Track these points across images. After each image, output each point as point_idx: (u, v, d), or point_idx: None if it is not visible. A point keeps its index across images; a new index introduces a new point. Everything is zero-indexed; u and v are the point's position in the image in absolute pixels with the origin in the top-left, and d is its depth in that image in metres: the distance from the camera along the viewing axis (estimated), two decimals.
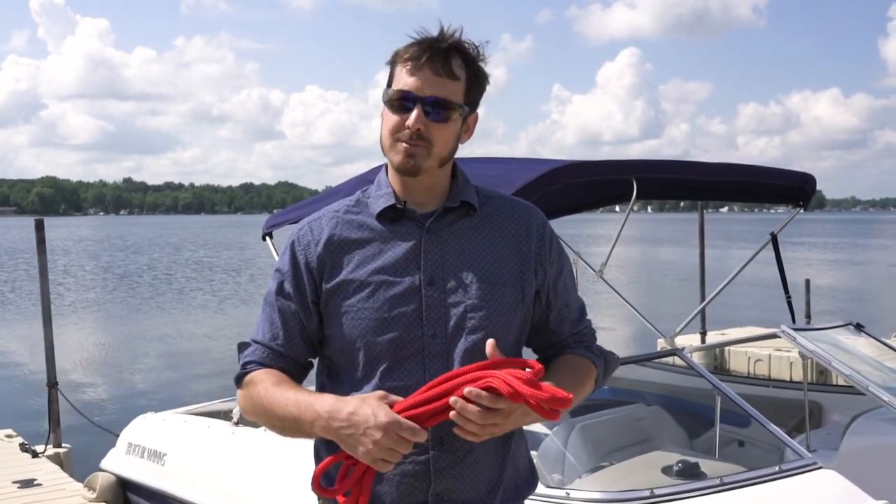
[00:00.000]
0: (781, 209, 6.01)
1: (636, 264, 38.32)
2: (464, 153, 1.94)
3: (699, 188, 4.81)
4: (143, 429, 5.56)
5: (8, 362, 15.52)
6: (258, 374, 1.87)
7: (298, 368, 1.92)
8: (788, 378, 10.05)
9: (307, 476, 1.82)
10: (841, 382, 4.42)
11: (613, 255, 4.59)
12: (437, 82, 1.80)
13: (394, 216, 1.88)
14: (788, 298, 4.77)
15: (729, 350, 11.48)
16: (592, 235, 44.18)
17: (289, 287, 1.89)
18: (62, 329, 16.15)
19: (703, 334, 10.21)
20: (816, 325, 4.76)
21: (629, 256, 42.39)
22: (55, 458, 7.05)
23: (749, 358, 11.28)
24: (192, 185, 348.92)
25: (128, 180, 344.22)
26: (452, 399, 1.63)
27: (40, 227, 7.89)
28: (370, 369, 1.82)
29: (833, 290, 25.80)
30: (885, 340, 4.67)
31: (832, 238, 73.29)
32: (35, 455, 6.98)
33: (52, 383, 7.62)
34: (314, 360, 1.97)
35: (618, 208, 6.38)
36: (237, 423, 4.77)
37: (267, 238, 5.14)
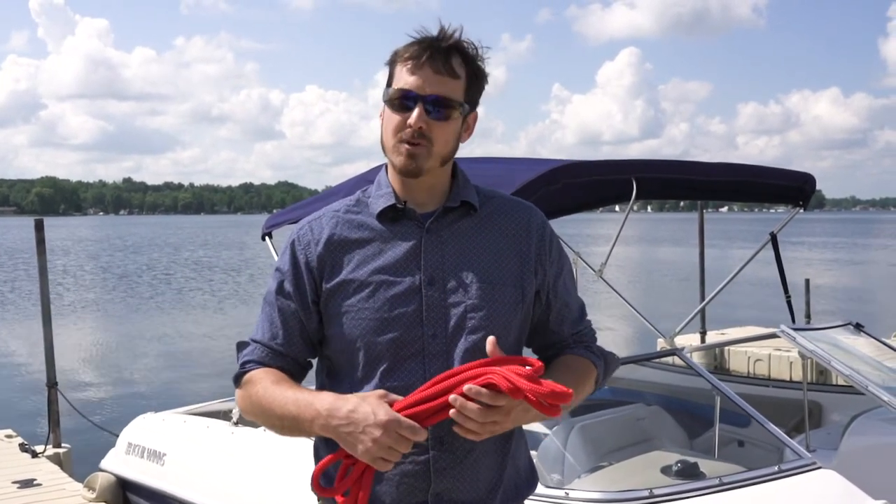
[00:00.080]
0: (781, 209, 6.01)
1: (636, 264, 38.32)
2: (463, 153, 1.93)
3: (699, 188, 4.81)
4: (143, 429, 5.56)
5: (8, 362, 15.52)
6: (257, 373, 1.86)
7: (298, 368, 1.92)
8: (788, 378, 10.05)
9: (307, 476, 1.82)
10: (840, 382, 4.43)
11: (613, 254, 4.59)
12: (437, 80, 1.79)
13: (394, 216, 1.88)
14: (788, 298, 4.77)
15: (729, 350, 11.48)
16: (592, 235, 44.17)
17: (289, 286, 1.89)
18: (62, 329, 16.14)
19: (703, 334, 10.20)
20: (816, 324, 4.77)
21: (629, 256, 42.39)
22: (55, 459, 7.05)
23: (749, 358, 11.28)
24: (192, 185, 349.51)
25: (127, 180, 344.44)
26: (452, 397, 1.62)
27: (40, 227, 7.89)
28: (370, 369, 1.82)
29: (833, 290, 25.80)
30: (885, 340, 4.68)
31: (832, 238, 73.30)
32: (35, 455, 6.98)
33: (52, 383, 7.62)
34: (314, 359, 1.96)
35: (617, 208, 6.38)
36: (237, 423, 4.77)
37: (266, 238, 5.14)
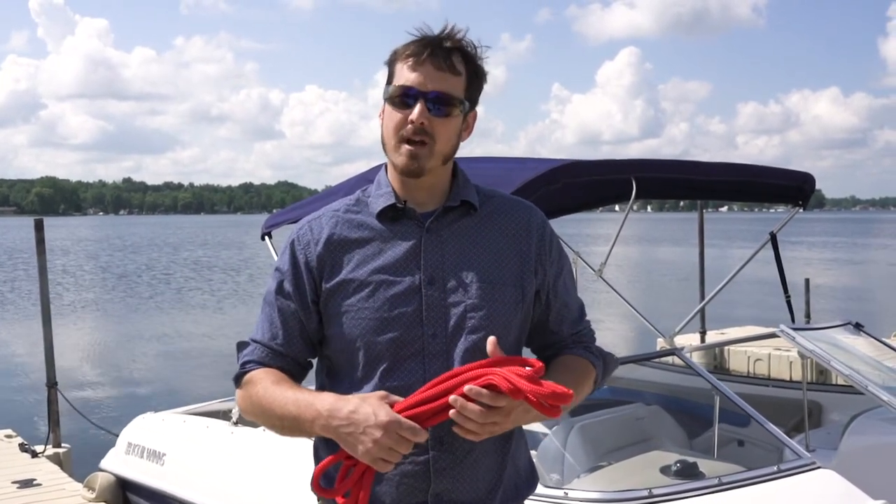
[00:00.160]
0: (781, 208, 6.01)
1: (636, 264, 38.31)
2: (463, 152, 1.93)
3: (698, 188, 4.82)
4: (143, 429, 5.56)
5: (7, 362, 15.51)
6: (257, 373, 1.86)
7: (298, 368, 1.92)
8: (788, 378, 10.05)
9: (306, 476, 1.82)
10: (840, 382, 4.43)
11: (613, 254, 4.59)
12: (439, 77, 1.79)
13: (394, 216, 1.88)
14: (788, 298, 4.78)
15: (728, 349, 11.48)
16: (592, 235, 44.17)
17: (288, 286, 1.89)
18: (61, 329, 16.12)
19: (703, 334, 10.19)
20: (816, 324, 4.77)
21: (629, 256, 42.39)
22: (55, 458, 7.05)
23: (749, 357, 11.28)
24: (192, 184, 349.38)
25: (127, 180, 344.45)
26: (452, 398, 1.62)
27: (40, 227, 7.89)
28: (370, 369, 1.82)
29: (832, 290, 25.79)
30: (885, 340, 4.68)
31: (832, 237, 73.30)
32: (34, 455, 6.98)
33: (52, 383, 7.62)
34: (314, 359, 1.96)
35: (617, 208, 6.39)
36: (236, 423, 4.77)
37: (266, 238, 5.14)
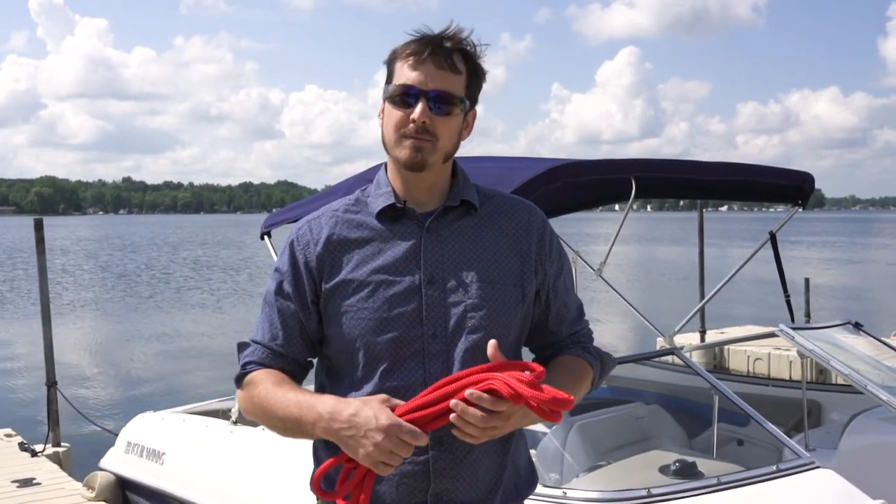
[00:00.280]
0: (780, 208, 6.01)
1: (635, 263, 38.31)
2: (462, 152, 1.93)
3: (698, 187, 4.82)
4: (142, 428, 5.56)
5: (7, 362, 15.49)
6: (258, 374, 1.86)
7: (298, 368, 1.92)
8: (788, 377, 10.05)
9: (305, 475, 1.82)
10: (840, 381, 4.43)
11: (612, 253, 4.58)
12: (440, 76, 1.79)
13: (393, 215, 1.87)
14: (787, 297, 4.78)
15: (728, 349, 11.48)
16: (591, 234, 44.18)
17: (288, 287, 1.88)
18: (61, 328, 16.13)
19: (703, 333, 10.19)
20: (815, 323, 4.77)
21: (628, 255, 42.39)
22: (54, 458, 7.05)
23: (748, 357, 11.28)
24: (192, 184, 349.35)
25: (127, 180, 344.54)
26: (453, 402, 1.62)
27: (39, 226, 7.88)
28: (370, 369, 1.82)
29: (832, 289, 25.80)
30: (884, 339, 4.68)
31: (831, 237, 73.30)
32: (34, 454, 6.97)
33: (51, 382, 7.62)
34: (314, 359, 1.96)
35: (617, 207, 6.38)
36: (236, 422, 4.77)
37: (265, 237, 5.14)
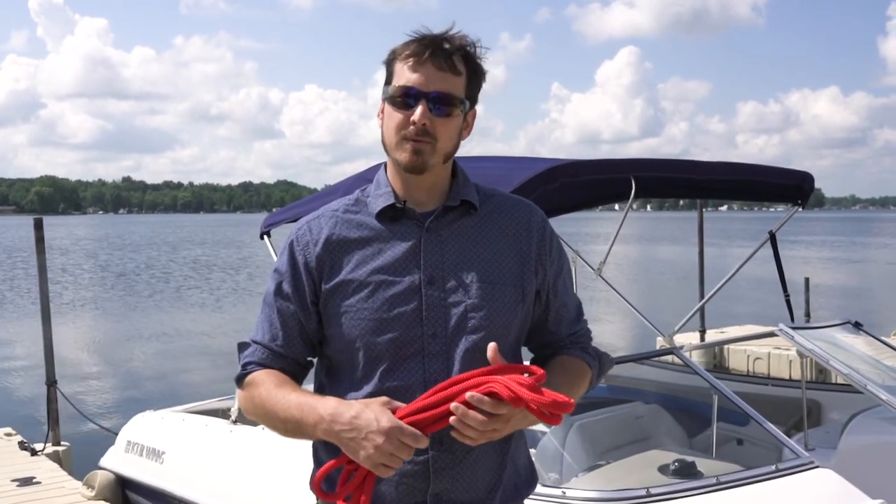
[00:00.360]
0: (780, 208, 6.01)
1: (635, 263, 38.31)
2: (462, 152, 1.93)
3: (698, 187, 4.82)
4: (142, 427, 5.57)
5: (7, 361, 15.51)
6: (259, 374, 1.86)
7: (298, 368, 1.91)
8: (787, 376, 10.05)
9: (305, 474, 1.82)
10: (839, 381, 4.43)
11: (612, 253, 4.58)
12: (440, 77, 1.79)
13: (393, 215, 1.87)
14: (787, 297, 4.78)
15: (728, 348, 11.48)
16: (591, 234, 44.19)
17: (287, 287, 1.88)
18: (61, 328, 16.13)
19: (703, 332, 10.20)
20: (815, 323, 4.77)
21: (628, 255, 42.39)
22: (54, 457, 7.06)
23: (748, 356, 11.28)
24: (191, 183, 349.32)
25: (127, 179, 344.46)
26: (453, 405, 1.63)
27: (39, 226, 7.89)
28: (370, 369, 1.82)
29: (832, 289, 25.80)
30: (884, 339, 4.68)
31: (831, 236, 73.30)
32: (34, 453, 6.98)
33: (51, 382, 7.63)
34: (314, 359, 1.96)
35: (617, 207, 6.38)
36: (235, 422, 4.78)
37: (265, 237, 5.14)
